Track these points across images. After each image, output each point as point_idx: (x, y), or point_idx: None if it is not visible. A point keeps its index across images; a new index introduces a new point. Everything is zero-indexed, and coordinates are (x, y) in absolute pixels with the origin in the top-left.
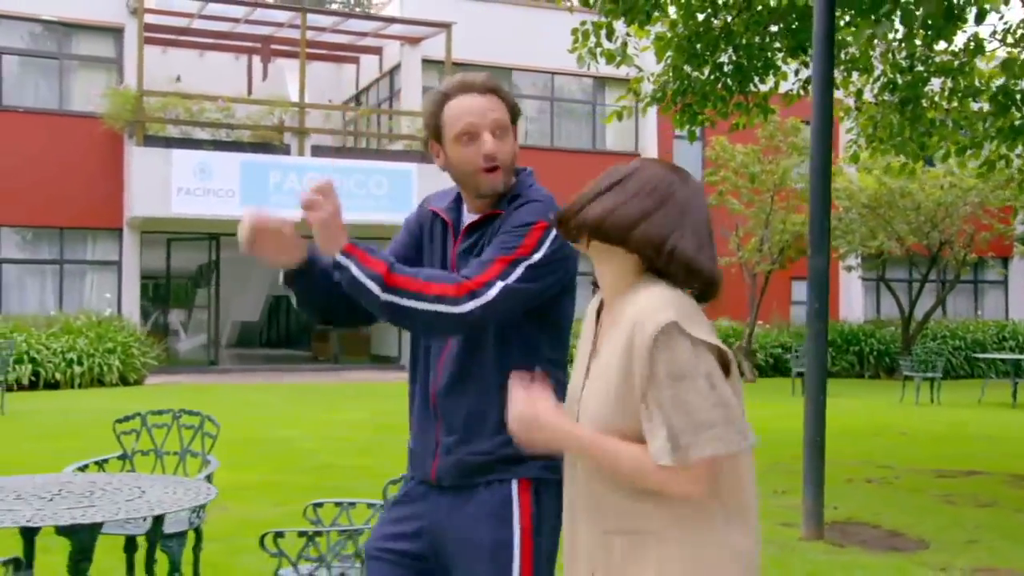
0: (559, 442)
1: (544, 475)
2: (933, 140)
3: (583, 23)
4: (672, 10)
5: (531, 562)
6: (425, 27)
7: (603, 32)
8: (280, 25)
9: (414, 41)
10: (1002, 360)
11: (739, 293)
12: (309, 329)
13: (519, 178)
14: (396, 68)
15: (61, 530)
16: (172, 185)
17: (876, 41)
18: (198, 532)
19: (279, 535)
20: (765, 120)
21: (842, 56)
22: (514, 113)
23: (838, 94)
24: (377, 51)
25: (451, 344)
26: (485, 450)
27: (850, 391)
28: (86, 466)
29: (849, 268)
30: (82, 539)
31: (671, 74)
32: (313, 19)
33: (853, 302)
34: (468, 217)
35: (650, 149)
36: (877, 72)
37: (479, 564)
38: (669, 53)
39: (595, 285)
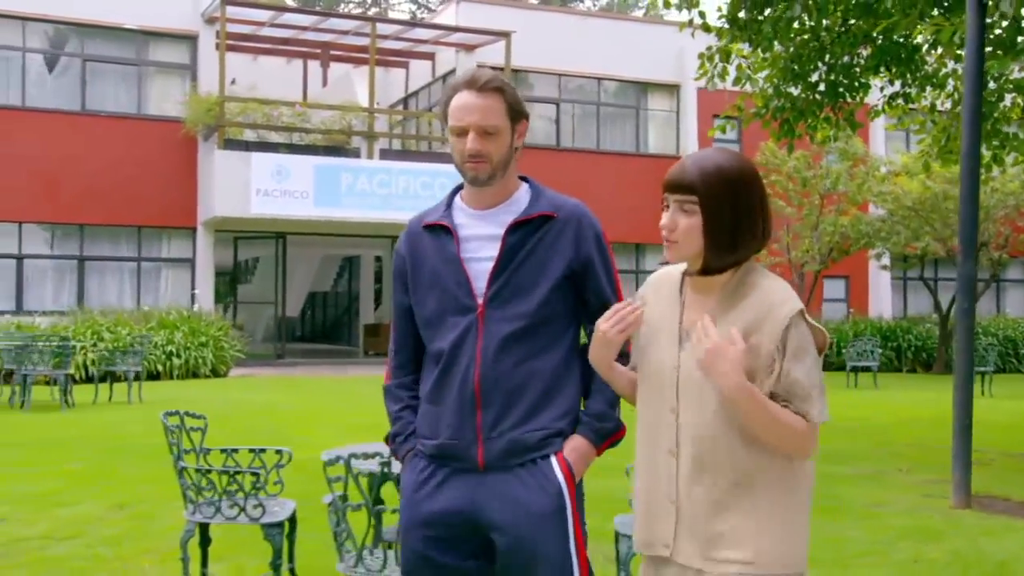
0: (734, 380)
1: None
2: (1005, 152)
3: (709, 47)
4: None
5: (579, 519)
6: (483, 35)
7: (721, 56)
8: (345, 33)
9: (470, 48)
10: None
11: None
12: (347, 324)
13: (532, 184)
14: (450, 73)
15: None
16: (251, 187)
17: (948, 59)
18: None
19: None
20: (853, 133)
21: (917, 73)
22: (515, 113)
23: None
24: (430, 56)
25: (489, 334)
26: (541, 426)
27: (899, 384)
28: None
29: (884, 267)
30: None
31: (773, 91)
32: (377, 27)
33: (882, 300)
34: (481, 214)
35: (691, 152)
36: (949, 88)
37: (539, 530)
38: (766, 72)
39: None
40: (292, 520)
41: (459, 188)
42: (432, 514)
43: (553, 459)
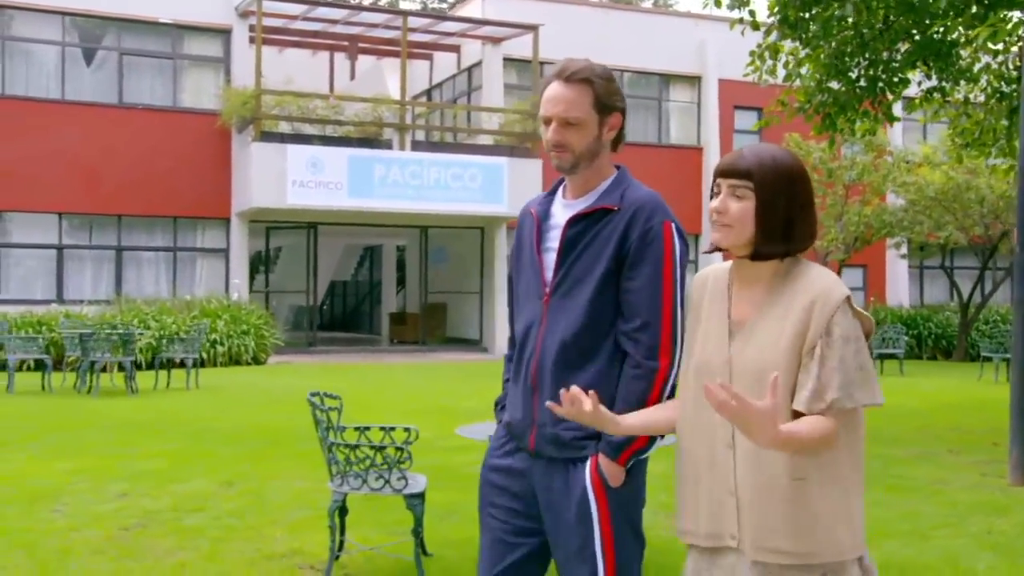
0: (770, 439)
1: None
2: None
3: (759, 45)
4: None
5: (609, 521)
6: (510, 28)
7: (770, 52)
8: (374, 26)
9: (496, 41)
10: None
11: None
12: (368, 312)
13: (620, 175)
14: (475, 65)
15: None
16: (287, 178)
17: (981, 54)
18: None
19: None
20: (891, 125)
21: (951, 68)
22: (603, 105)
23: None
24: (455, 49)
25: (548, 325)
26: (574, 425)
27: (923, 372)
28: None
29: (903, 256)
30: None
31: (816, 87)
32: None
33: (900, 288)
34: (567, 204)
35: (712, 143)
36: (983, 82)
37: (565, 528)
38: (806, 68)
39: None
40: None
41: None
42: (499, 465)
43: (587, 464)
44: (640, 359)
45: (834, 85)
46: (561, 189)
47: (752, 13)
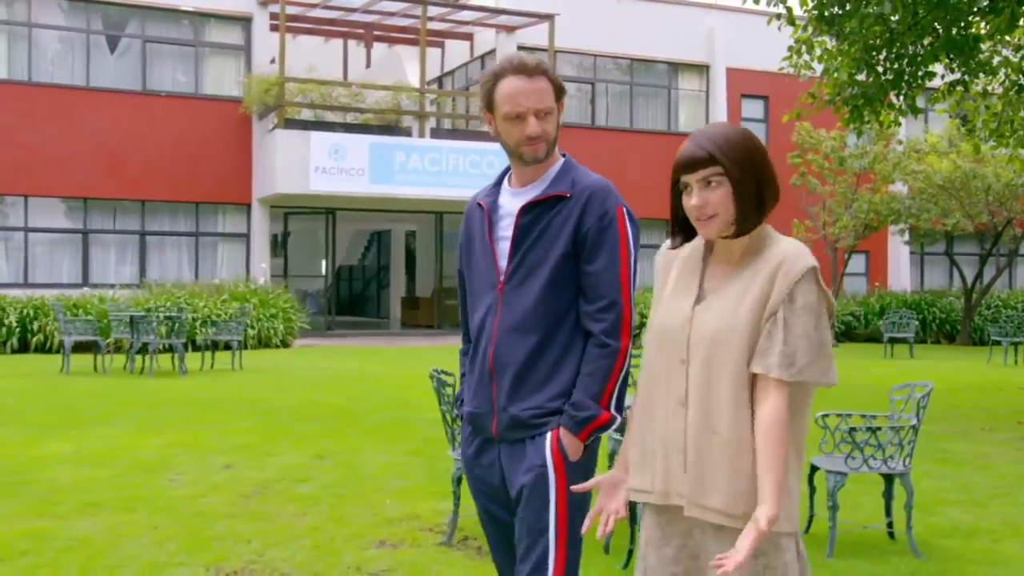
0: (777, 517)
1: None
2: None
3: (798, 40)
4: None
5: (565, 494)
6: (525, 16)
7: (807, 47)
8: (391, 14)
9: (510, 29)
10: None
11: (821, 266)
12: (375, 297)
13: (567, 162)
14: (489, 53)
15: None
16: (310, 164)
17: (1001, 47)
18: None
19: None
20: (915, 118)
21: (972, 61)
22: (559, 91)
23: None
24: (468, 37)
25: (504, 312)
26: (535, 405)
27: (931, 355)
28: None
29: (906, 243)
30: None
31: (846, 80)
32: (418, 8)
33: (901, 274)
34: (515, 192)
35: None
36: (1001, 75)
37: (523, 498)
38: (837, 62)
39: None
40: None
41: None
42: (482, 482)
43: (548, 436)
44: (605, 339)
45: (862, 78)
46: (507, 179)
47: (789, 10)
